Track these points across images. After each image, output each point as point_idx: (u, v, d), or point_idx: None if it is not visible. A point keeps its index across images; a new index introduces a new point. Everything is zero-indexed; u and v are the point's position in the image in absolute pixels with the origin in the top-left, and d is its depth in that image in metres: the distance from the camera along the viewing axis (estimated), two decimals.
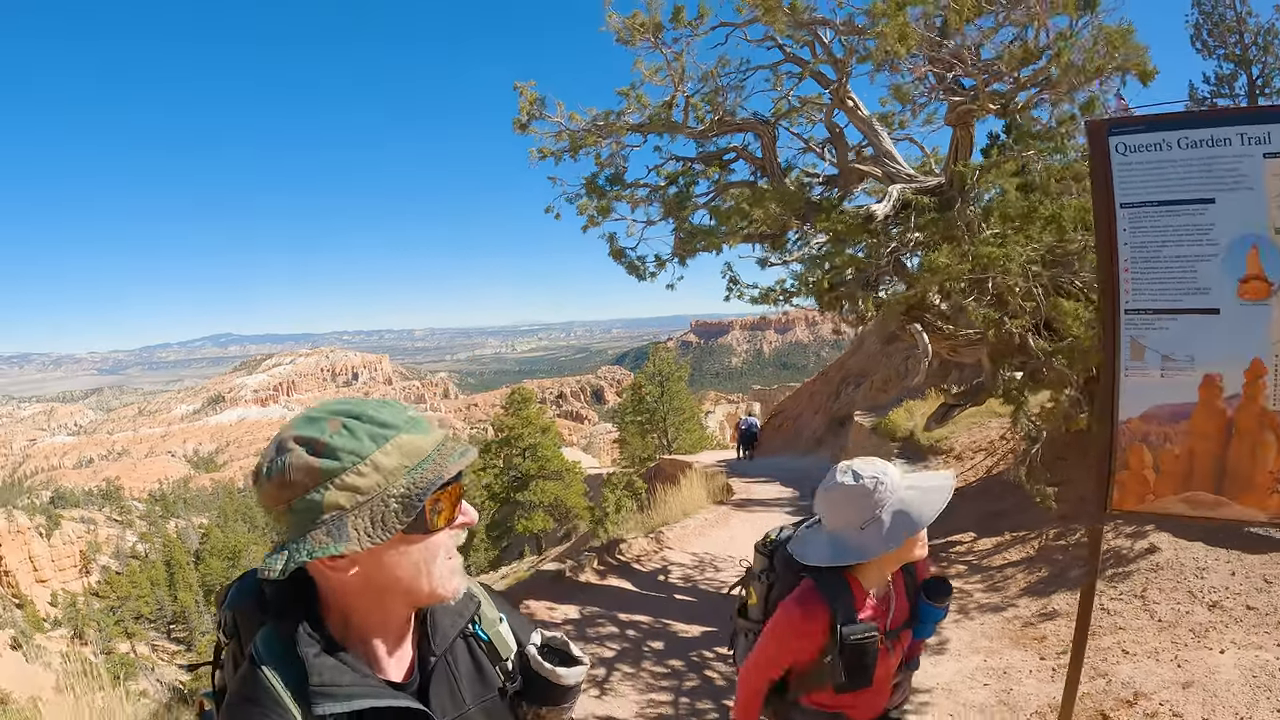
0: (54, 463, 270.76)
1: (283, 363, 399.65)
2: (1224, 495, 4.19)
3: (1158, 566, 7.19)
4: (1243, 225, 4.01)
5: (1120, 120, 4.46)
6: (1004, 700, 5.93)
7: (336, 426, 1.54)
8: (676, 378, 43.99)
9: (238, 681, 1.56)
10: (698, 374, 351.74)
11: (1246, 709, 5.06)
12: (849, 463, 3.02)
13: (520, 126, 10.19)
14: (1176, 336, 4.22)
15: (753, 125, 10.20)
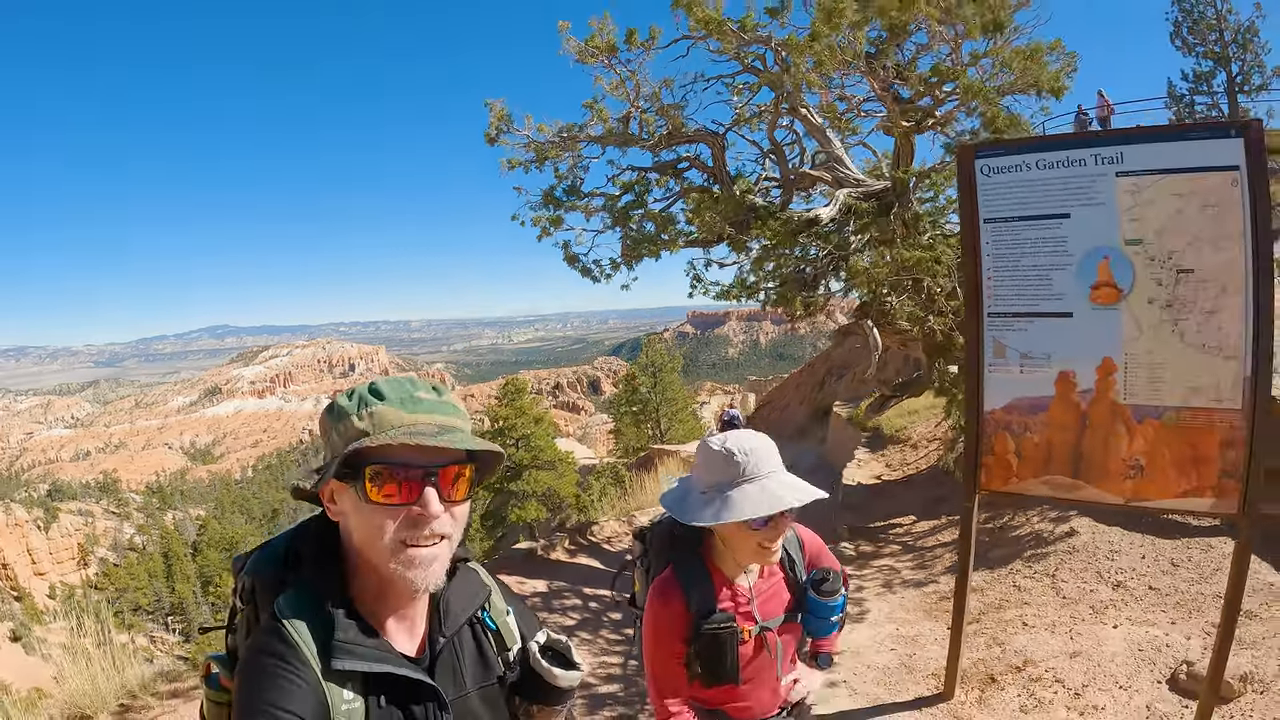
0: (51, 456, 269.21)
1: (279, 354, 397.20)
2: (1080, 479, 4.69)
3: (1074, 549, 7.64)
4: (1095, 238, 4.49)
5: (985, 144, 4.95)
6: (905, 663, 6.38)
7: (353, 390, 1.74)
8: (669, 369, 44.01)
9: (258, 635, 1.64)
10: (694, 365, 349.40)
11: (1127, 678, 5.50)
12: (742, 432, 2.88)
13: (490, 140, 10.62)
14: (1034, 337, 4.71)
15: (703, 137, 10.65)
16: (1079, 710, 5.21)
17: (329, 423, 1.74)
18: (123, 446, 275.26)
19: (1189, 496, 4.44)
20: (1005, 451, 4.91)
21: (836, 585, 2.99)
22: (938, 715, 5.41)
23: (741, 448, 2.73)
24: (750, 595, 2.98)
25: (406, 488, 1.66)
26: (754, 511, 2.65)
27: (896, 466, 13.72)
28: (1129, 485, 4.54)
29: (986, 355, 4.90)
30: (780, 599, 3.04)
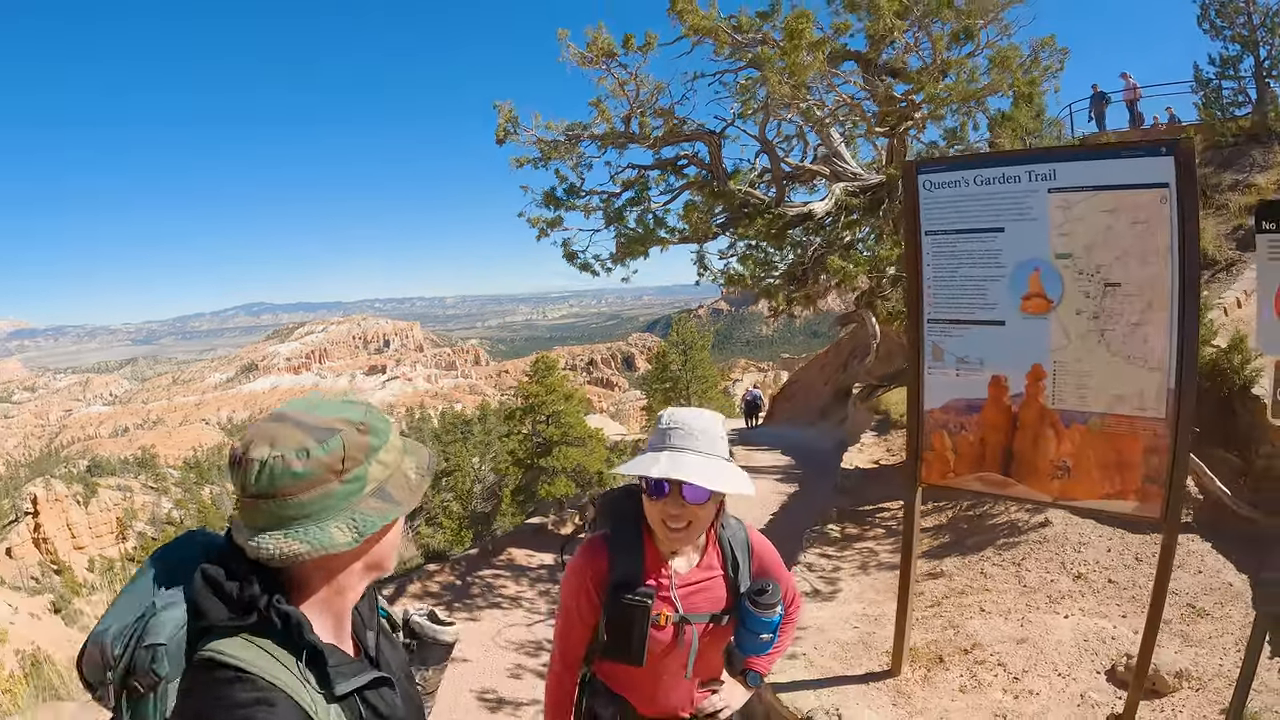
0: (90, 432, 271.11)
1: (315, 331, 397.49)
2: (1011, 477, 4.96)
3: (1044, 539, 7.87)
4: (1027, 251, 4.74)
5: (927, 161, 5.23)
6: (864, 640, 6.66)
7: (364, 410, 1.70)
8: (700, 346, 44.02)
9: (222, 689, 1.53)
10: (729, 341, 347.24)
11: (1068, 667, 5.75)
12: (688, 409, 2.88)
13: (499, 140, 10.88)
14: (969, 343, 5.00)
15: (700, 135, 10.91)
16: (1014, 694, 5.48)
17: (372, 447, 1.67)
18: (160, 423, 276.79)
19: (1113, 499, 4.65)
20: (943, 448, 5.20)
21: (774, 600, 2.86)
22: (882, 690, 5.70)
23: (673, 419, 2.78)
24: (678, 581, 2.93)
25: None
26: (639, 469, 2.70)
27: (896, 451, 13.89)
28: (1056, 485, 4.79)
29: (926, 358, 5.19)
30: (711, 597, 2.97)
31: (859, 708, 5.40)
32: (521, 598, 9.68)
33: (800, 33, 8.67)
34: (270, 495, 1.55)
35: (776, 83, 8.93)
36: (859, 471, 13.07)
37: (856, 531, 9.95)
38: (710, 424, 2.78)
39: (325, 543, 1.56)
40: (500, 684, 7.68)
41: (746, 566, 3.03)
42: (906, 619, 5.76)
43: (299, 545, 1.55)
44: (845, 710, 5.33)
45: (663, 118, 10.78)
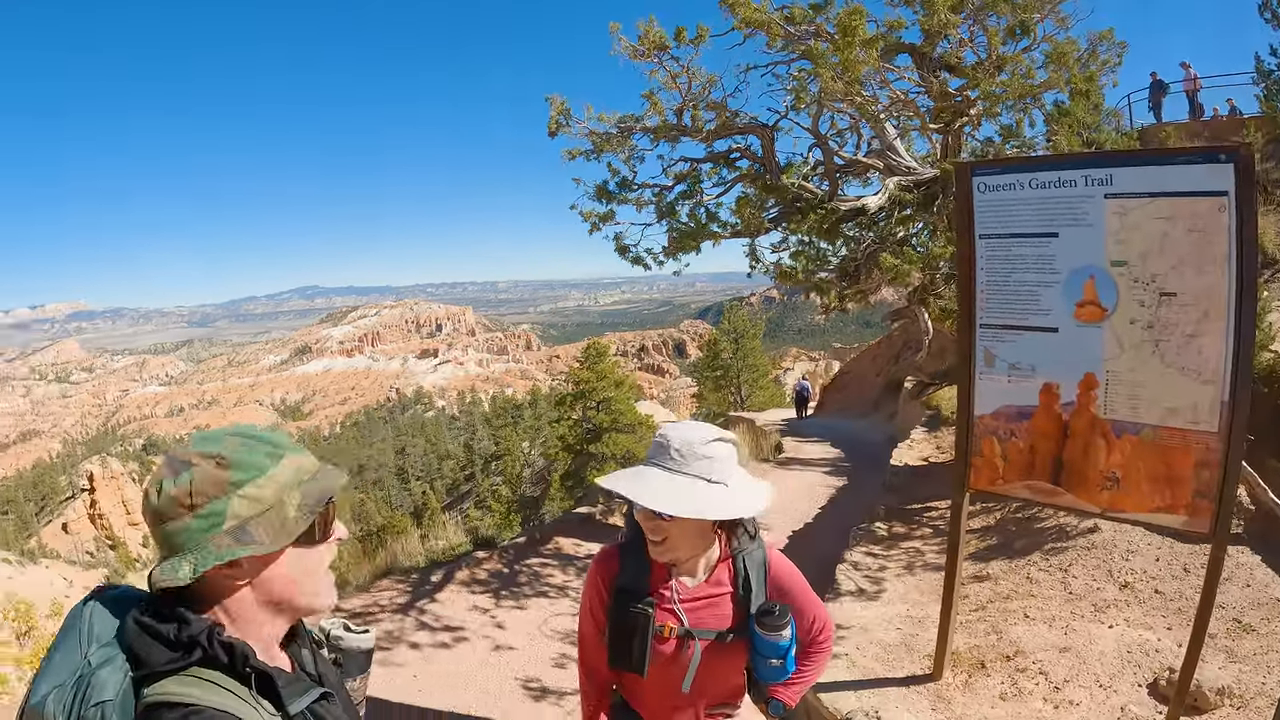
0: (146, 412, 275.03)
1: (368, 314, 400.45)
2: (1060, 486, 4.90)
3: (1092, 545, 7.77)
4: (1082, 257, 4.66)
5: (981, 163, 5.14)
6: (906, 643, 6.61)
7: (236, 445, 1.68)
8: (751, 335, 43.98)
9: None
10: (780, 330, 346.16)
11: (1109, 679, 5.68)
12: (689, 424, 2.82)
13: (551, 133, 10.91)
14: (1021, 349, 4.93)
15: (753, 129, 10.86)
16: (1055, 703, 5.42)
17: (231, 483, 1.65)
18: (215, 403, 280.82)
19: (1162, 512, 4.56)
20: (992, 455, 5.14)
21: (781, 622, 2.81)
22: (922, 694, 5.66)
23: (664, 434, 2.74)
24: (685, 595, 2.88)
25: (333, 520, 1.81)
26: (610, 483, 2.72)
27: (946, 449, 13.78)
28: (1105, 496, 4.71)
29: (978, 363, 5.13)
30: (718, 614, 2.90)
31: (899, 711, 5.37)
32: (568, 587, 9.70)
33: (854, 29, 8.61)
34: (150, 525, 1.61)
35: (829, 79, 8.88)
36: (908, 469, 12.99)
37: (904, 530, 9.86)
38: (694, 440, 2.70)
39: (172, 575, 1.56)
40: (544, 673, 7.72)
41: (760, 587, 2.92)
42: (950, 623, 5.71)
43: (159, 575, 1.58)
44: (885, 713, 5.30)
45: (715, 110, 10.73)
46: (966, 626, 6.53)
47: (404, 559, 11.50)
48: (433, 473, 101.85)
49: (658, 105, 10.53)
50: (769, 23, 9.54)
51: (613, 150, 10.92)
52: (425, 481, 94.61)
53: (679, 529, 2.70)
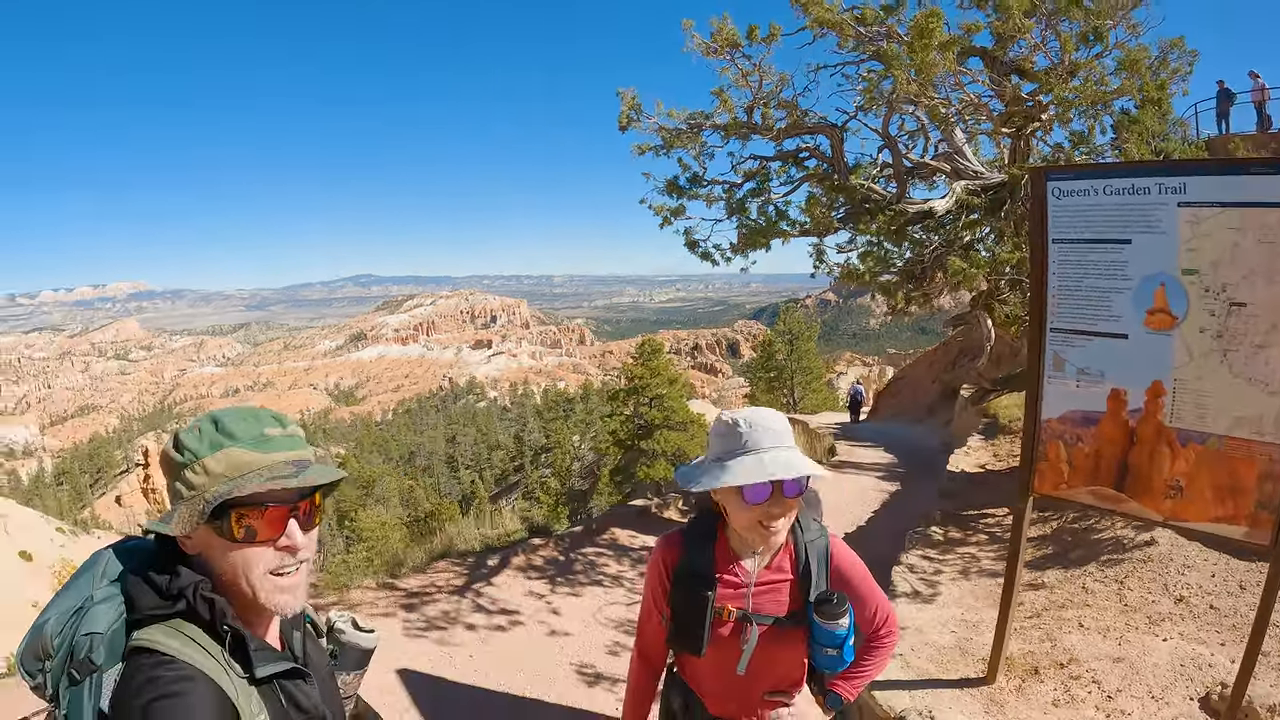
0: (202, 391, 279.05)
1: (423, 304, 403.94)
2: (1124, 493, 4.88)
3: (1149, 559, 7.71)
4: (1154, 264, 4.65)
5: (1055, 168, 5.13)
6: (961, 646, 6.60)
7: (197, 428, 1.82)
8: (806, 337, 43.92)
9: (140, 683, 1.61)
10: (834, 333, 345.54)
11: (1161, 690, 5.64)
12: (755, 408, 2.87)
13: (621, 128, 11.00)
14: (1091, 354, 4.92)
15: (823, 129, 10.89)
16: (1107, 712, 5.40)
17: (177, 463, 1.80)
18: (270, 385, 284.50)
19: (1223, 522, 4.53)
20: (1058, 459, 5.14)
21: (839, 611, 2.85)
22: (976, 696, 5.67)
23: (747, 419, 2.76)
24: (746, 578, 2.95)
25: (272, 525, 1.78)
26: (746, 478, 2.66)
27: (1003, 457, 13.72)
28: (1168, 504, 4.70)
29: (1046, 367, 5.13)
30: (777, 599, 2.96)
31: (952, 713, 5.39)
32: (623, 577, 9.82)
33: (931, 32, 8.63)
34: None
35: (904, 80, 8.91)
36: (964, 475, 12.95)
37: (959, 535, 9.84)
38: (778, 418, 2.79)
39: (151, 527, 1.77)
40: (599, 659, 7.84)
41: (821, 575, 2.98)
42: (1007, 628, 5.72)
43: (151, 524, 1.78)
44: (939, 713, 5.33)
45: (785, 109, 10.75)
46: (1021, 633, 6.53)
47: (459, 543, 11.65)
48: (482, 462, 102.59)
49: (728, 102, 10.59)
50: (841, 23, 9.58)
51: (683, 146, 11.00)
52: (474, 470, 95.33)
53: (796, 508, 2.81)
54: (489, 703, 7.00)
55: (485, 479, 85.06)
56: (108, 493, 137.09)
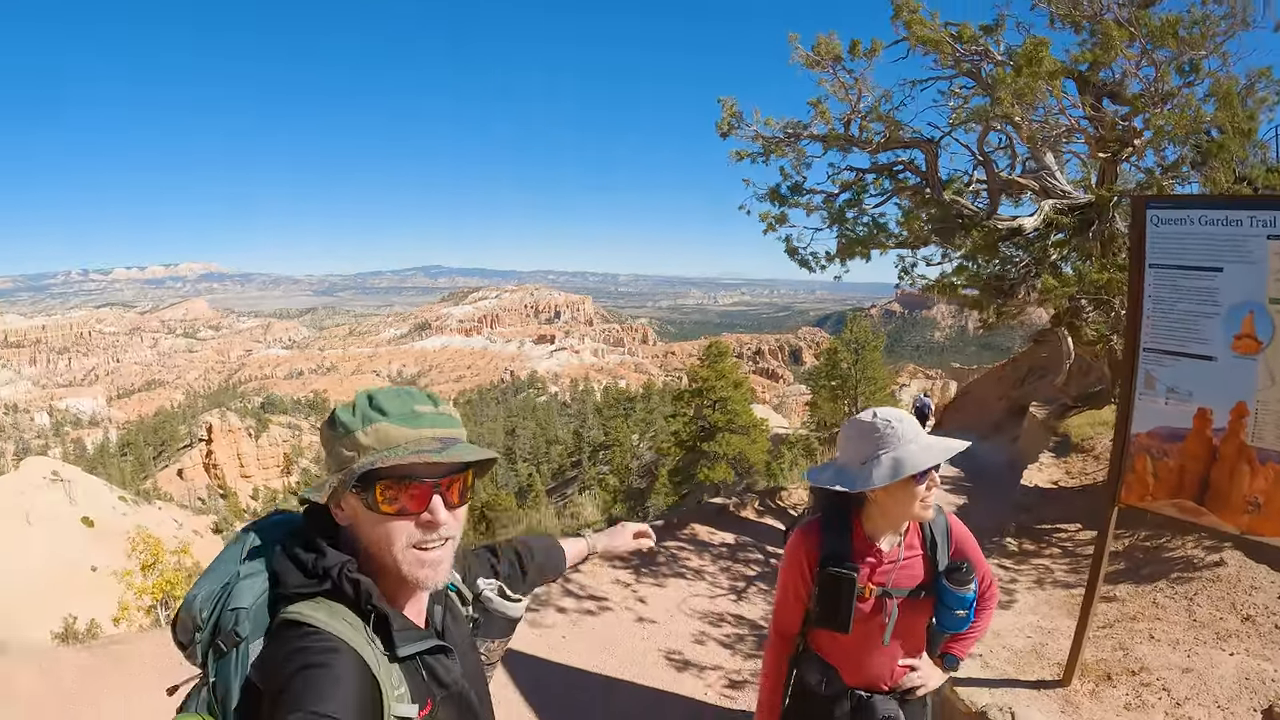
0: (266, 372, 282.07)
1: (488, 296, 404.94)
2: (1204, 507, 5.14)
3: (1217, 578, 7.91)
4: (1243, 292, 4.89)
5: (1155, 198, 5.41)
6: (1037, 650, 6.85)
7: (352, 404, 1.90)
8: (872, 347, 43.63)
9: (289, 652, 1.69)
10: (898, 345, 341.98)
11: (1227, 700, 5.86)
12: (886, 408, 3.17)
13: (722, 134, 11.32)
14: (1180, 374, 5.17)
15: (918, 143, 11.11)
16: (1175, 717, 5.65)
17: (333, 437, 1.89)
18: (333, 370, 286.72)
19: None
20: (1144, 471, 5.39)
21: (968, 578, 3.19)
22: (1051, 697, 5.91)
23: (896, 416, 3.09)
24: (883, 557, 3.26)
25: (416, 500, 1.83)
26: (929, 461, 2.99)
27: (1075, 474, 13.83)
28: (1245, 519, 4.93)
29: (1138, 385, 5.39)
30: (911, 573, 3.28)
31: (1030, 710, 5.64)
32: (704, 571, 10.03)
33: (1040, 59, 8.87)
34: None
35: (1008, 103, 9.15)
36: (1037, 490, 13.08)
37: (1033, 548, 10.04)
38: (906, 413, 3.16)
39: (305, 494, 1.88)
40: (686, 648, 8.07)
41: (945, 548, 3.33)
42: (1085, 632, 5.96)
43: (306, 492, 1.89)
44: (1018, 710, 5.58)
45: (883, 123, 11.00)
46: (1094, 641, 6.76)
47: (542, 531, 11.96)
48: (540, 456, 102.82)
49: (825, 114, 10.86)
50: (941, 41, 9.83)
51: (782, 154, 11.27)
52: (532, 464, 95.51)
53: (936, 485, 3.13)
54: (582, 681, 7.28)
55: (542, 473, 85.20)
56: (170, 465, 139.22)
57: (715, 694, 7.16)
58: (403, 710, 1.75)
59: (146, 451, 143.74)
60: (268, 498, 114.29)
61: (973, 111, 10.47)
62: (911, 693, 3.46)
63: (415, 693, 1.81)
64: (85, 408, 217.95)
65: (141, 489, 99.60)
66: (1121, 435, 5.52)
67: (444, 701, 1.89)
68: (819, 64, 10.51)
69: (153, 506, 75.67)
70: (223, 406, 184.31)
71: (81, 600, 36.22)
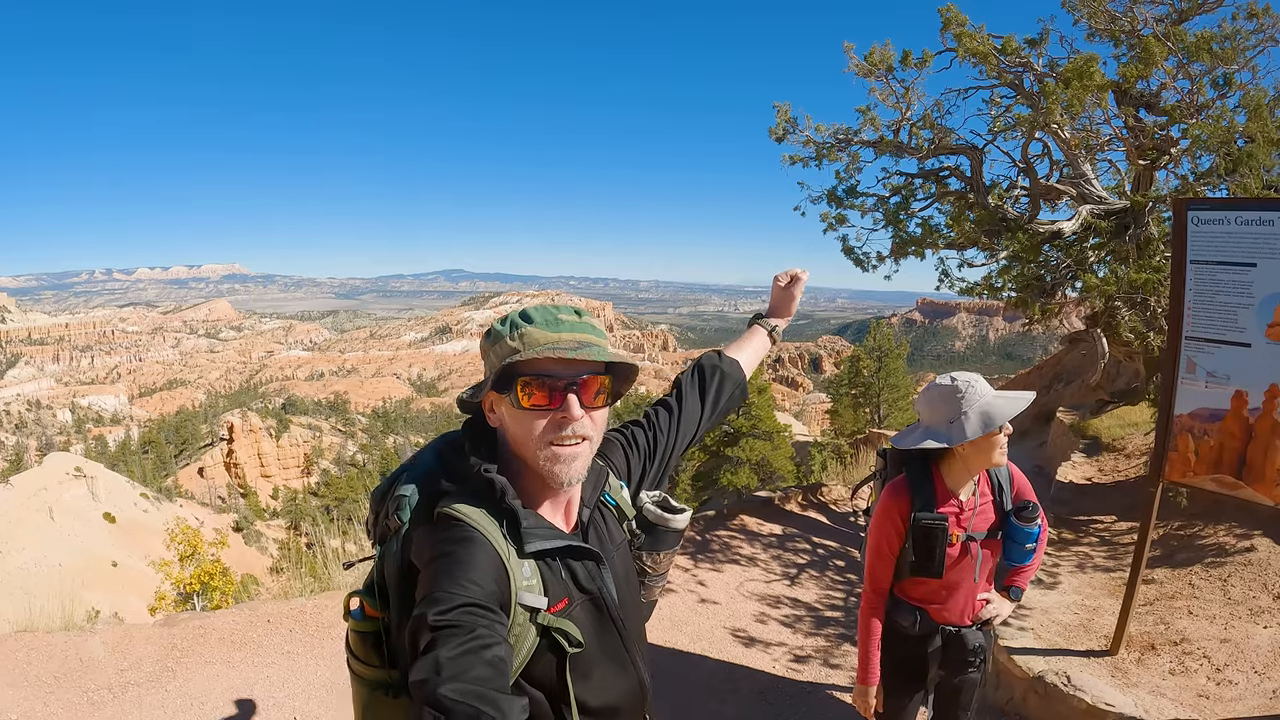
0: (288, 373, 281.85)
1: (509, 301, 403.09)
2: (1243, 480, 5.63)
3: (1249, 562, 8.35)
4: (1274, 285, 5.40)
5: (1195, 201, 5.89)
6: (1084, 624, 7.30)
7: (506, 316, 2.07)
8: (895, 355, 43.38)
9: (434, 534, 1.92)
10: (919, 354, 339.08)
11: (1264, 666, 6.31)
12: (957, 373, 3.63)
13: (777, 139, 11.81)
14: (1219, 360, 5.67)
15: (964, 150, 11.56)
16: (1217, 681, 6.12)
17: (486, 344, 2.10)
18: (354, 372, 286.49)
19: None
20: (1186, 450, 5.88)
21: (1034, 515, 3.73)
22: (1101, 664, 6.36)
23: (973, 378, 3.57)
24: (964, 506, 3.70)
25: (552, 396, 1.97)
26: (1013, 411, 3.45)
27: (1108, 472, 14.12)
28: (1279, 491, 5.47)
29: (1181, 370, 5.88)
30: (986, 517, 3.75)
31: (1083, 675, 6.08)
32: (756, 558, 10.40)
33: (1091, 74, 9.32)
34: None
35: (1057, 114, 9.61)
36: (1072, 485, 13.37)
37: (1071, 537, 10.39)
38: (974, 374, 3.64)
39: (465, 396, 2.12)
40: (749, 626, 8.45)
41: (1009, 491, 3.85)
42: (1133, 602, 6.40)
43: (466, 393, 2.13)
44: (1072, 675, 6.04)
45: (932, 130, 11.49)
46: (1136, 617, 7.16)
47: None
48: None
49: (875, 121, 11.33)
50: (988, 54, 10.28)
51: (835, 159, 11.75)
52: None
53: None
54: (656, 655, 7.56)
55: None
56: (191, 464, 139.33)
57: (782, 667, 7.56)
58: (530, 600, 1.90)
59: (168, 449, 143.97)
60: (288, 497, 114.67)
61: (1020, 120, 10.89)
62: (989, 623, 3.96)
63: (552, 589, 1.97)
64: (108, 405, 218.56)
65: (163, 486, 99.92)
66: (1165, 416, 6.02)
67: (582, 604, 2.04)
68: (872, 73, 10.99)
69: (174, 504, 75.98)
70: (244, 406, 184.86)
71: (104, 594, 36.59)
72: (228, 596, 14.41)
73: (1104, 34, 10.51)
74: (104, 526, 57.57)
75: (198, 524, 63.80)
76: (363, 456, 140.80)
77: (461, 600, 1.73)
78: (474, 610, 1.72)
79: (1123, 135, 10.70)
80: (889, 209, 12.05)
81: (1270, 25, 9.75)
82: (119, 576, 43.46)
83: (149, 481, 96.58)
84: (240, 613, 7.74)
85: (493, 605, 1.78)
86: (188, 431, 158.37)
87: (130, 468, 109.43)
